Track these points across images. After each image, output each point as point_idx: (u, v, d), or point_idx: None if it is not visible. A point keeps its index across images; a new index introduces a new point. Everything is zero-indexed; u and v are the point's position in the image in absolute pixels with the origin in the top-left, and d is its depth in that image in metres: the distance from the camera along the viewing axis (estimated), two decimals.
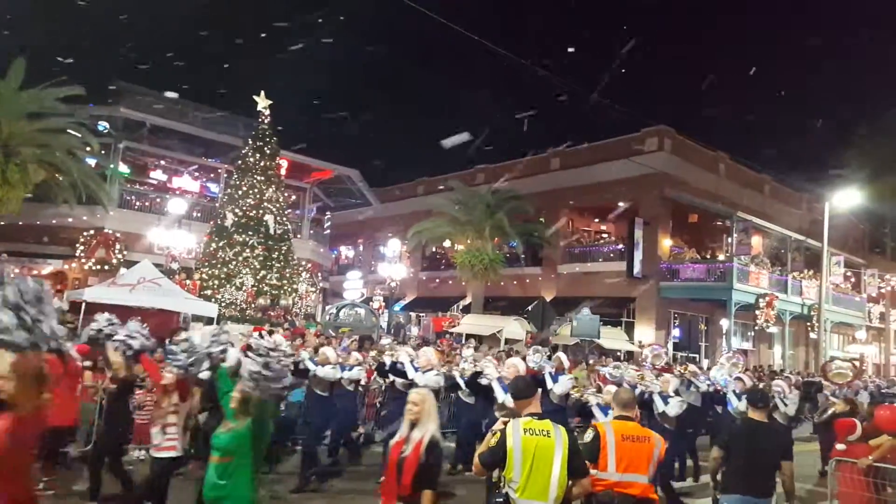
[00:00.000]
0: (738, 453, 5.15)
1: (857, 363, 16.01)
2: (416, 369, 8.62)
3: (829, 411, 11.07)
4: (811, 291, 27.46)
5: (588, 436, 4.68)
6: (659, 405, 8.70)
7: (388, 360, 9.67)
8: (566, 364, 10.62)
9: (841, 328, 32.77)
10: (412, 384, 8.14)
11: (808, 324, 28.40)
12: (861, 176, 28.98)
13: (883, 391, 19.24)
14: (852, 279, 32.59)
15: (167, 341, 9.77)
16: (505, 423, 4.15)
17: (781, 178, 32.11)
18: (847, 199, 24.77)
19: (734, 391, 10.06)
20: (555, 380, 9.32)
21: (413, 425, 4.16)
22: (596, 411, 8.09)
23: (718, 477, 5.48)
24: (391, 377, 9.45)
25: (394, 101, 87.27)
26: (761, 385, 11.47)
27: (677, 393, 9.44)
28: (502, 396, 8.16)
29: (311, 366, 8.81)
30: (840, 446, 7.14)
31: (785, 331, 28.24)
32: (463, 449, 9.57)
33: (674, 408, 8.63)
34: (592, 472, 4.43)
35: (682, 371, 13.05)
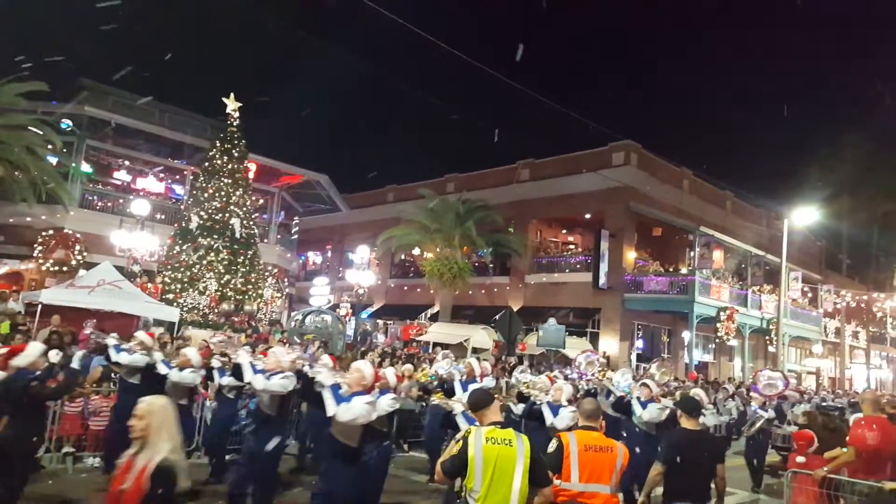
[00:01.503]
0: (679, 464, 5.26)
1: (787, 374, 16.08)
2: (257, 371, 7.14)
3: (757, 424, 11.10)
4: (770, 306, 28.11)
5: (552, 445, 4.71)
6: (548, 417, 8.11)
7: (227, 362, 8.40)
8: (478, 371, 10.06)
9: (798, 342, 33.62)
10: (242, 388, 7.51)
11: (767, 337, 29.07)
12: (818, 195, 29.89)
13: (825, 404, 19.67)
14: (809, 294, 33.47)
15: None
16: (468, 432, 4.14)
17: (742, 195, 32.93)
18: (805, 216, 25.46)
19: (638, 398, 9.45)
20: (465, 387, 8.92)
21: (140, 447, 3.30)
22: (545, 410, 8.06)
23: (651, 493, 5.54)
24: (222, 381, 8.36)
25: (365, 106, 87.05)
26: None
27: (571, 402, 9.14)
28: (460, 393, 8.28)
29: (163, 369, 7.59)
30: (800, 458, 7.29)
31: (745, 344, 28.86)
32: (433, 459, 9.53)
33: (563, 420, 7.92)
34: (556, 481, 4.46)
35: (601, 378, 12.53)
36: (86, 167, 23.16)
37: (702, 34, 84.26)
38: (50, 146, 19.46)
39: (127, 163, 24.95)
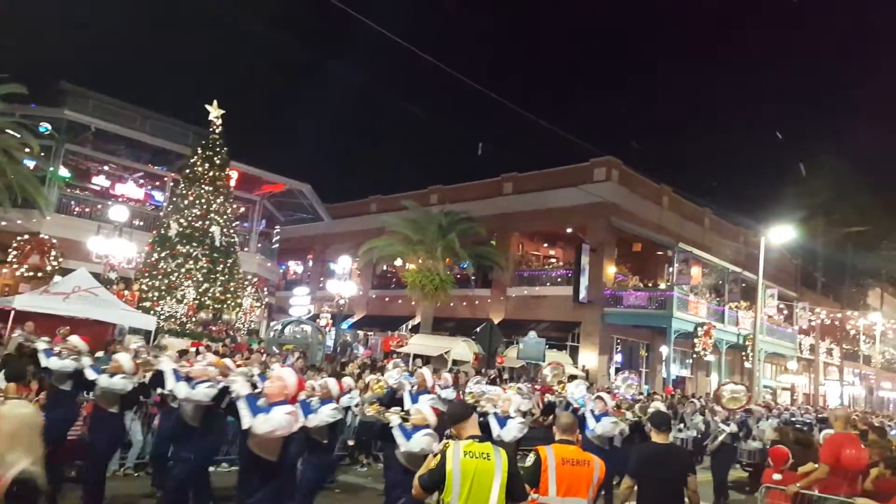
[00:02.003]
0: (649, 477, 5.32)
1: (747, 387, 15.99)
2: (180, 379, 6.70)
3: (720, 438, 11.04)
4: (746, 322, 28.43)
5: (529, 459, 4.72)
6: (494, 428, 7.82)
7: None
8: (430, 382, 9.72)
9: (774, 358, 34.01)
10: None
11: (743, 353, 29.37)
12: (795, 214, 30.37)
13: (793, 419, 19.80)
14: (785, 311, 33.90)
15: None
16: (446, 446, 4.14)
17: (721, 213, 33.39)
18: (781, 235, 25.82)
19: (592, 411, 9.18)
20: (414, 399, 8.60)
21: None
22: (492, 422, 7.71)
23: None
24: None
25: (349, 116, 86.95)
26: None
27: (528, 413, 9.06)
28: (409, 405, 8.00)
29: (92, 374, 7.12)
30: (777, 476, 7.36)
31: (721, 359, 29.14)
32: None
33: (510, 431, 7.77)
34: (533, 495, 4.47)
35: (560, 390, 12.39)
36: (64, 172, 22.89)
37: (683, 55, 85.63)
38: (28, 150, 19.20)
39: (106, 168, 24.72)
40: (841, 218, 35.47)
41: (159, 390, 7.61)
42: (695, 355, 26.86)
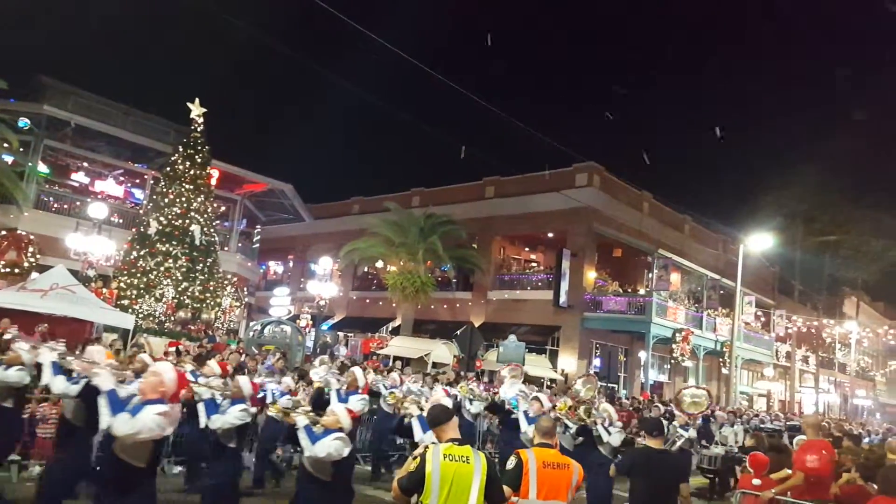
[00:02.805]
0: (640, 481, 5.37)
1: (711, 392, 15.68)
2: (57, 372, 6.17)
3: (678, 443, 10.44)
4: (724, 329, 28.78)
5: (511, 463, 4.75)
6: (417, 432, 7.34)
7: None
8: (361, 381, 9.30)
9: (750, 365, 34.45)
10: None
11: (721, 359, 29.72)
12: (774, 222, 30.83)
13: (761, 426, 19.93)
14: (762, 319, 34.36)
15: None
16: (425, 448, 4.16)
17: (700, 220, 33.76)
18: (760, 243, 26.20)
19: (526, 413, 8.76)
20: (344, 399, 8.21)
21: None
22: (415, 425, 7.20)
23: None
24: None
25: (330, 117, 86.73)
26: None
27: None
28: (334, 402, 7.67)
29: None
30: (756, 481, 7.47)
31: (699, 365, 29.47)
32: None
33: (432, 436, 7.42)
34: (513, 498, 4.51)
35: (461, 391, 11.87)
36: (43, 167, 22.59)
37: (667, 62, 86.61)
38: (6, 145, 18.92)
39: (86, 164, 24.43)
40: (819, 227, 36.05)
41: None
42: (673, 361, 27.13)
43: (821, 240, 36.56)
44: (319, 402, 7.99)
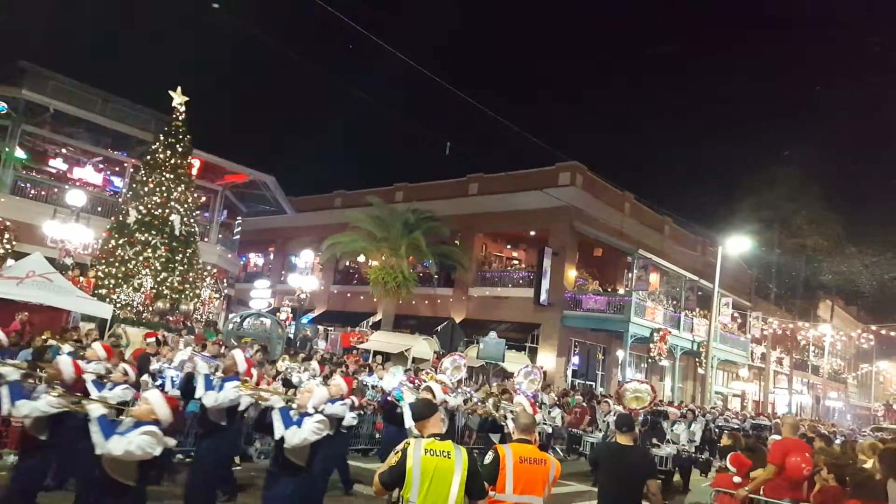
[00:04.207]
0: (609, 476, 5.46)
1: (655, 387, 14.00)
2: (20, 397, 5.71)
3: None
4: (701, 329, 29.13)
5: (488, 457, 4.79)
6: (278, 429, 6.29)
7: None
8: (242, 367, 7.40)
9: (726, 365, 34.90)
10: None
11: (697, 359, 30.09)
12: (752, 226, 31.24)
13: (720, 424, 20.00)
14: (738, 320, 34.81)
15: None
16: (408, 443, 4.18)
17: (680, 222, 34.10)
18: (738, 245, 26.54)
19: (411, 406, 8.32)
20: (210, 386, 6.89)
21: None
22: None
23: None
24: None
25: (314, 109, 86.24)
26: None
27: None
28: (201, 392, 6.96)
29: None
30: (737, 479, 7.58)
31: (675, 365, 29.81)
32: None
33: (299, 433, 6.29)
34: (490, 493, 4.55)
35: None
36: (20, 153, 22.21)
37: (649, 66, 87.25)
38: None
39: (64, 151, 24.07)
40: (796, 231, 36.59)
41: None
42: (650, 360, 27.41)
43: (797, 241, 37.09)
44: (187, 390, 7.33)
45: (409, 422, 6.58)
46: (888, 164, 58.21)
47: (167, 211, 18.60)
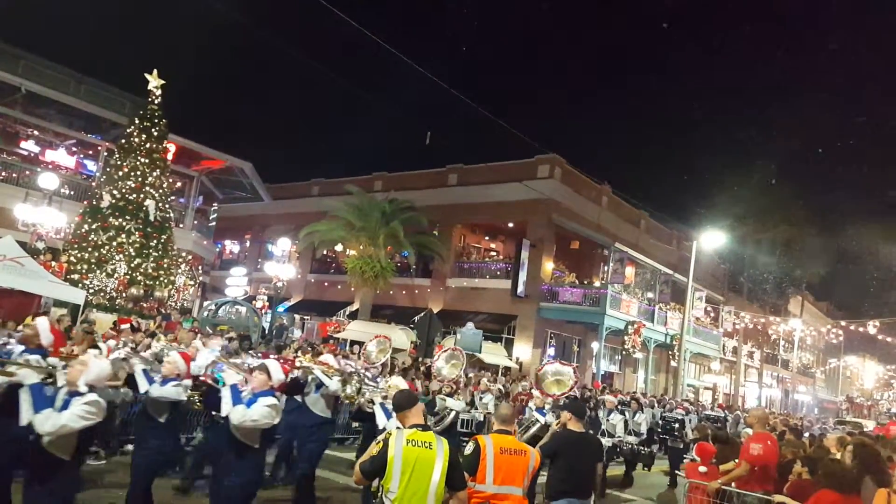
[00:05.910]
0: (564, 461, 5.60)
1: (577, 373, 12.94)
2: None
3: (532, 430, 9.32)
4: (674, 322, 29.53)
5: (469, 448, 4.82)
6: (381, 419, 6.54)
7: None
8: (181, 367, 6.68)
9: (698, 358, 35.44)
10: None
11: (670, 352, 30.50)
12: (726, 221, 31.63)
13: (666, 416, 19.84)
14: (711, 314, 35.33)
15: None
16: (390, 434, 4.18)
17: (656, 216, 34.44)
18: (712, 240, 26.87)
19: (233, 388, 7.07)
20: (150, 381, 6.37)
21: None
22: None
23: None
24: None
25: (292, 96, 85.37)
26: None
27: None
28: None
29: None
30: (703, 469, 7.72)
31: (649, 357, 30.19)
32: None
33: (161, 390, 6.23)
34: (470, 483, 4.57)
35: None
36: None
37: (630, 62, 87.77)
38: None
39: (36, 133, 23.53)
40: (770, 226, 37.12)
41: None
42: (624, 352, 27.75)
43: (770, 240, 37.65)
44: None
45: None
46: (857, 158, 59.29)
47: (142, 196, 18.28)
